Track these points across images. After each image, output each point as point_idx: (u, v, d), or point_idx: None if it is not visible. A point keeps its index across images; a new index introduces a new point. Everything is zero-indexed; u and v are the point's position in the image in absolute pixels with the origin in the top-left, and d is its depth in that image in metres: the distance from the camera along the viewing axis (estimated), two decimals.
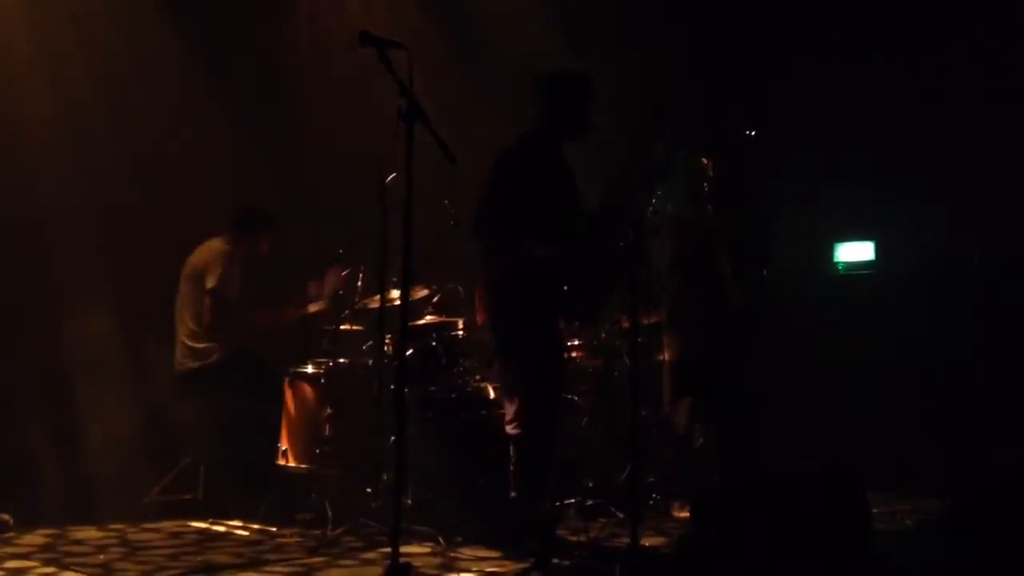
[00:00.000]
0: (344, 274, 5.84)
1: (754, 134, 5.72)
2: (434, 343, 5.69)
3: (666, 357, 5.69)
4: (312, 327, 6.21)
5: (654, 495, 5.80)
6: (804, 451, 6.16)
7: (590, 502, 5.51)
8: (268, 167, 6.77)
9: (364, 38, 3.85)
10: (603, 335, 6.17)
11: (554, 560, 4.46)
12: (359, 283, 5.87)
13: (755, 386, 5.74)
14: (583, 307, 4.85)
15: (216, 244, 6.02)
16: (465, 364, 5.71)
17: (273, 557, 4.76)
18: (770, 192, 6.48)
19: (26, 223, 6.05)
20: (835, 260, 7.34)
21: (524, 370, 4.76)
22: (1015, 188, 6.51)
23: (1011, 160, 6.51)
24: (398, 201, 3.90)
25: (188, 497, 5.83)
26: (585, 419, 5.88)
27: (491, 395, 5.54)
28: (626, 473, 5.60)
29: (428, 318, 5.84)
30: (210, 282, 5.86)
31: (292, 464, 5.59)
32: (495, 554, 4.74)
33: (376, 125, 4.44)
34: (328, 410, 5.52)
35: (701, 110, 7.14)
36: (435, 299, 5.91)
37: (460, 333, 5.83)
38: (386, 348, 5.53)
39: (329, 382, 5.58)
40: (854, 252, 7.29)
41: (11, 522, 5.20)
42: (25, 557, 4.68)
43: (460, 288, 5.93)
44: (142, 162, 6.36)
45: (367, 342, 6.01)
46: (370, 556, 4.73)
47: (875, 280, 7.13)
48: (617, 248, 4.66)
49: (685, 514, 5.38)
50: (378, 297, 5.26)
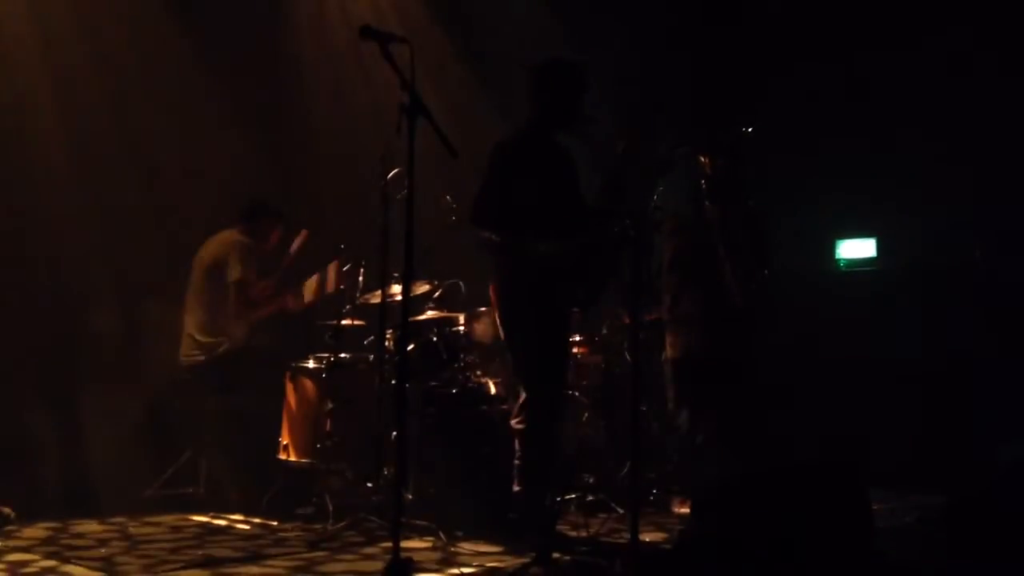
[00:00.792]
0: (345, 269, 5.83)
1: (751, 131, 5.71)
2: (435, 338, 5.69)
3: (668, 355, 5.69)
4: (313, 322, 6.20)
5: (654, 491, 5.81)
6: (805, 447, 6.16)
7: (591, 498, 5.52)
8: (270, 162, 6.77)
9: (366, 32, 3.85)
10: (604, 331, 6.17)
11: (554, 555, 4.46)
12: (360, 278, 5.87)
13: (756, 383, 5.74)
14: (581, 292, 4.85)
15: (230, 236, 6.00)
16: (466, 359, 5.71)
17: (274, 551, 4.76)
18: (771, 189, 6.48)
19: (28, 218, 6.05)
20: (836, 257, 7.34)
21: (529, 364, 4.76)
22: (1016, 185, 6.50)
23: (1012, 157, 6.51)
24: (400, 196, 3.90)
25: (189, 491, 5.84)
26: (586, 415, 5.89)
27: (492, 390, 5.55)
28: (626, 469, 5.60)
29: (429, 313, 5.85)
30: (234, 274, 5.86)
31: (293, 459, 5.59)
32: (496, 549, 4.75)
33: (378, 119, 4.44)
34: (329, 405, 5.52)
35: (699, 108, 7.14)
36: (436, 295, 5.91)
37: (461, 328, 5.83)
38: (387, 343, 5.54)
39: (330, 377, 5.58)
40: (855, 249, 7.28)
41: (12, 515, 5.21)
42: (26, 550, 4.69)
43: (461, 284, 5.94)
44: (144, 156, 6.35)
45: (368, 337, 6.02)
46: (371, 551, 4.74)
47: (876, 277, 7.13)
48: (615, 234, 4.64)
49: (685, 510, 5.39)
50: (379, 292, 5.27)
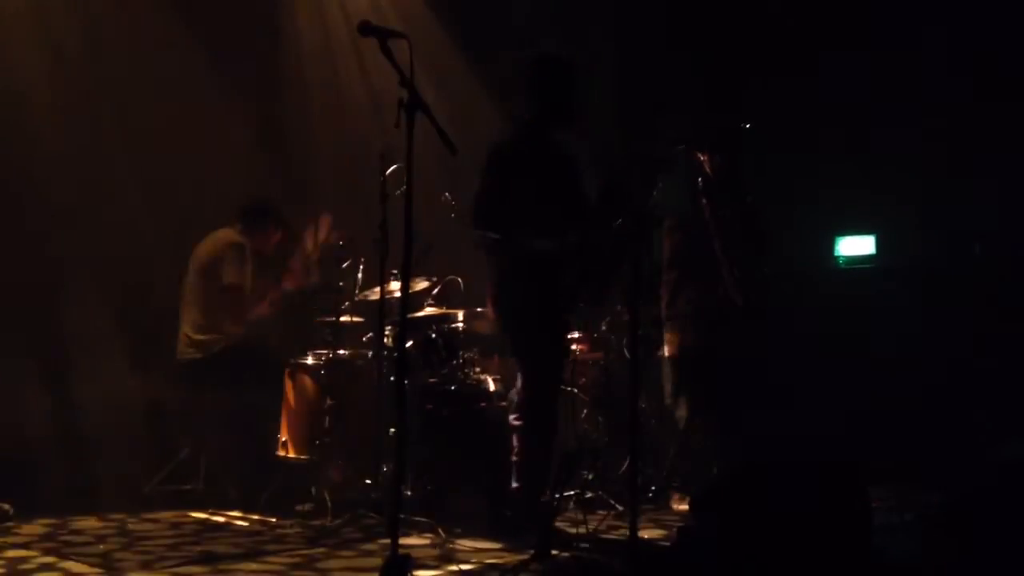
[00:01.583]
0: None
1: (749, 127, 5.70)
2: (434, 335, 5.69)
3: (666, 352, 5.69)
4: (311, 318, 6.19)
5: (653, 488, 5.80)
6: (804, 444, 6.15)
7: (589, 494, 5.51)
8: (269, 158, 6.77)
9: (365, 28, 3.84)
10: (604, 328, 6.17)
11: (553, 552, 4.46)
12: (359, 274, 5.86)
13: (755, 380, 5.74)
14: (587, 290, 4.83)
15: (226, 235, 5.96)
16: (465, 356, 5.71)
17: (273, 548, 4.76)
18: (770, 186, 6.48)
19: (27, 218, 6.04)
20: (836, 254, 7.34)
21: (527, 361, 4.76)
22: (1016, 181, 6.50)
23: (1012, 153, 6.50)
24: (399, 192, 3.89)
25: (188, 487, 5.83)
26: (585, 412, 5.89)
27: (491, 387, 5.54)
28: (625, 466, 5.60)
29: (428, 310, 5.84)
30: (227, 277, 5.80)
31: (292, 455, 5.59)
32: (494, 545, 4.75)
33: (377, 115, 4.43)
34: (328, 401, 5.52)
35: (698, 105, 7.13)
36: (435, 291, 5.91)
37: (460, 325, 5.83)
38: (386, 340, 5.54)
39: (329, 374, 5.58)
40: (855, 246, 7.28)
41: (11, 512, 5.21)
42: (25, 547, 4.69)
43: (460, 280, 5.93)
44: (143, 153, 6.35)
45: (367, 334, 6.01)
46: (369, 547, 4.74)
47: (876, 274, 7.13)
48: (617, 232, 4.63)
49: (684, 507, 5.39)
50: (378, 289, 5.26)
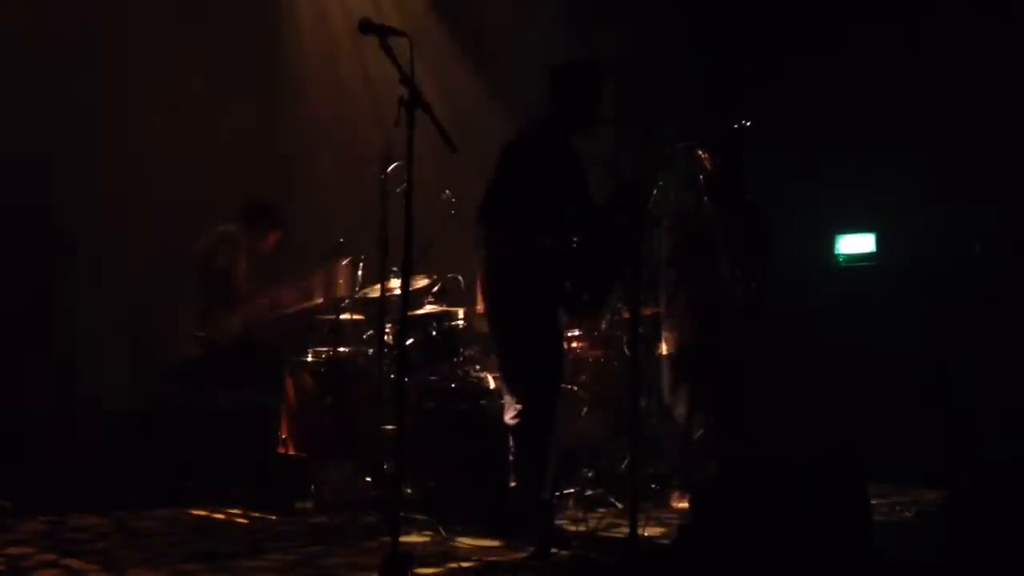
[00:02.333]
0: (344, 263, 5.81)
1: (749, 125, 5.70)
2: (434, 333, 5.69)
3: (664, 350, 5.69)
4: (312, 317, 6.20)
5: (653, 486, 5.81)
6: (804, 443, 6.16)
7: (589, 492, 5.52)
8: (269, 156, 6.77)
9: (365, 26, 3.84)
10: (604, 326, 6.17)
11: (553, 550, 4.46)
12: (359, 272, 5.87)
13: (755, 377, 5.74)
14: (585, 300, 4.84)
15: (223, 229, 5.99)
16: (465, 354, 5.71)
17: (272, 545, 4.76)
18: (771, 184, 6.47)
19: (30, 214, 6.04)
20: (836, 252, 7.34)
21: (524, 359, 4.76)
22: (1016, 177, 6.50)
23: (1012, 149, 6.50)
24: (399, 190, 3.89)
25: (188, 485, 5.83)
26: (585, 409, 5.89)
27: (491, 385, 5.54)
28: (625, 463, 5.60)
29: (428, 308, 5.84)
30: (219, 263, 5.83)
31: (292, 452, 5.60)
32: (494, 543, 4.75)
33: (378, 113, 4.43)
34: (328, 399, 5.52)
35: (697, 103, 7.13)
36: (435, 289, 5.91)
37: (460, 323, 5.83)
38: (386, 338, 5.54)
39: (329, 371, 5.59)
40: (855, 244, 7.28)
41: (11, 509, 5.21)
42: (25, 544, 4.69)
43: (460, 278, 5.94)
44: (142, 152, 6.35)
45: (367, 331, 6.01)
46: (369, 545, 4.73)
47: (876, 272, 7.13)
48: (619, 239, 4.65)
49: (684, 505, 5.39)
50: (378, 287, 5.27)
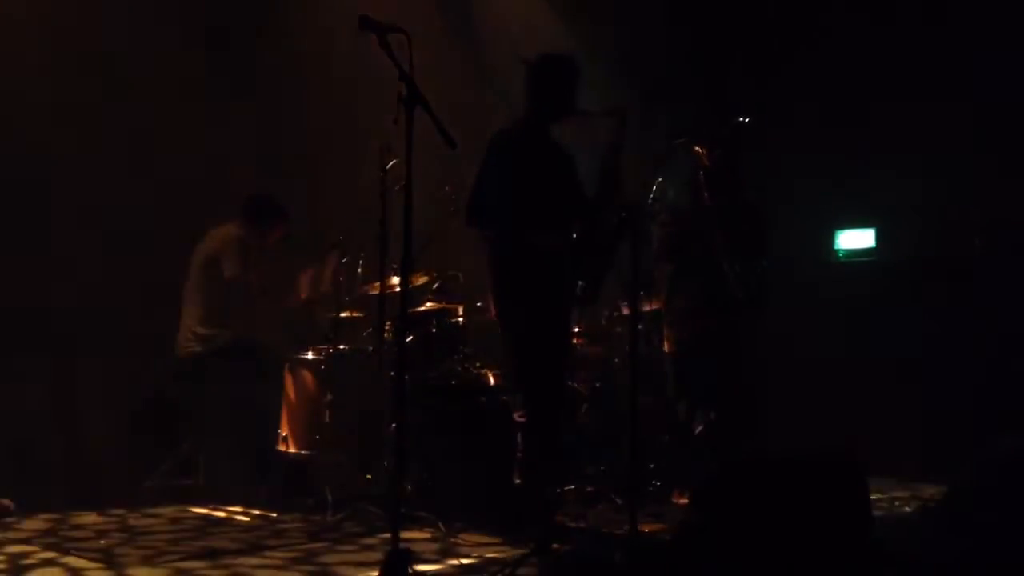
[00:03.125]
0: (344, 260, 5.81)
1: (748, 121, 5.70)
2: (434, 330, 5.68)
3: (666, 347, 5.69)
4: (314, 313, 6.19)
5: (654, 482, 5.81)
6: (804, 438, 6.17)
7: (590, 488, 5.52)
8: (268, 154, 6.76)
9: (364, 23, 3.83)
10: (603, 322, 6.17)
11: (554, 546, 4.47)
12: (359, 269, 5.86)
13: (755, 373, 5.75)
14: (580, 290, 4.85)
15: (229, 231, 5.96)
16: (465, 351, 5.71)
17: (273, 543, 4.76)
18: (771, 180, 6.47)
19: (29, 209, 6.04)
20: (836, 247, 7.34)
21: (530, 358, 4.76)
22: (1017, 172, 6.50)
23: (1013, 145, 6.50)
24: (398, 187, 3.89)
25: (189, 483, 5.84)
26: (585, 406, 5.89)
27: (491, 382, 5.54)
28: (625, 460, 5.60)
29: (428, 305, 5.84)
30: (228, 271, 5.81)
31: (292, 450, 5.60)
32: (495, 540, 4.75)
33: (377, 110, 4.43)
34: (328, 396, 5.52)
35: (696, 98, 7.13)
36: (435, 286, 5.91)
37: (460, 320, 5.83)
38: (386, 335, 5.53)
39: (329, 368, 5.59)
40: (855, 239, 7.28)
41: (12, 507, 5.22)
42: (26, 542, 4.69)
43: (460, 274, 5.93)
44: (142, 150, 6.34)
45: (367, 329, 6.01)
46: (370, 541, 4.75)
47: (876, 267, 7.13)
48: (612, 226, 4.66)
49: (684, 501, 5.39)
50: (378, 284, 5.26)
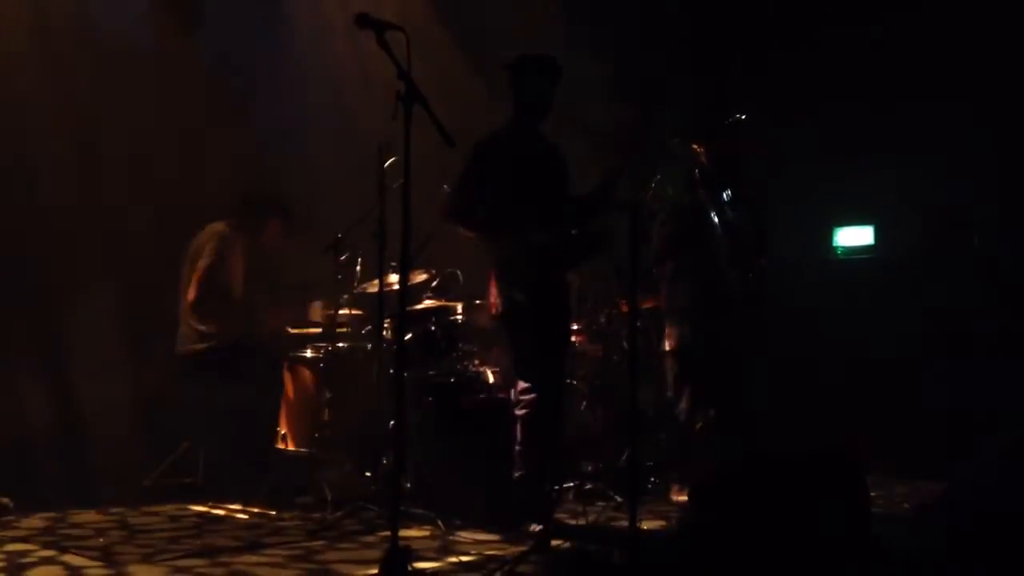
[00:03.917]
0: (343, 259, 5.79)
1: (744, 118, 5.70)
2: (433, 327, 5.69)
3: (667, 346, 5.70)
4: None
5: (653, 479, 5.81)
6: (804, 435, 6.17)
7: (589, 486, 5.52)
8: (267, 152, 6.76)
9: (362, 20, 3.83)
10: (602, 320, 6.18)
11: (553, 543, 4.47)
12: (358, 268, 5.86)
13: (755, 370, 5.75)
14: (567, 259, 4.90)
15: (215, 227, 5.96)
16: (464, 348, 5.71)
17: (272, 540, 4.76)
18: (769, 177, 6.48)
19: (26, 209, 6.04)
20: (835, 245, 7.34)
21: (530, 354, 4.77)
22: (1015, 169, 6.50)
23: (1012, 142, 6.51)
24: (396, 185, 3.89)
25: (188, 481, 5.84)
26: (584, 403, 5.89)
27: (490, 379, 5.55)
28: (625, 457, 5.61)
29: (427, 302, 5.84)
30: (201, 262, 5.81)
31: (291, 448, 5.60)
32: (494, 537, 4.75)
33: (375, 108, 4.43)
34: (327, 394, 5.52)
35: (695, 96, 7.13)
36: (434, 283, 5.91)
37: (459, 317, 5.83)
38: (385, 332, 5.53)
39: (328, 366, 5.58)
40: (853, 237, 7.29)
41: (11, 506, 5.21)
42: (25, 540, 4.69)
43: (459, 272, 5.93)
44: (141, 150, 6.34)
45: (366, 327, 6.01)
46: (369, 539, 4.74)
47: (875, 264, 7.14)
48: (595, 230, 4.71)
49: (684, 498, 5.39)
50: (377, 282, 5.26)
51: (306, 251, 6.02)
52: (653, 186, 5.80)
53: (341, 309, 5.81)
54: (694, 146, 5.64)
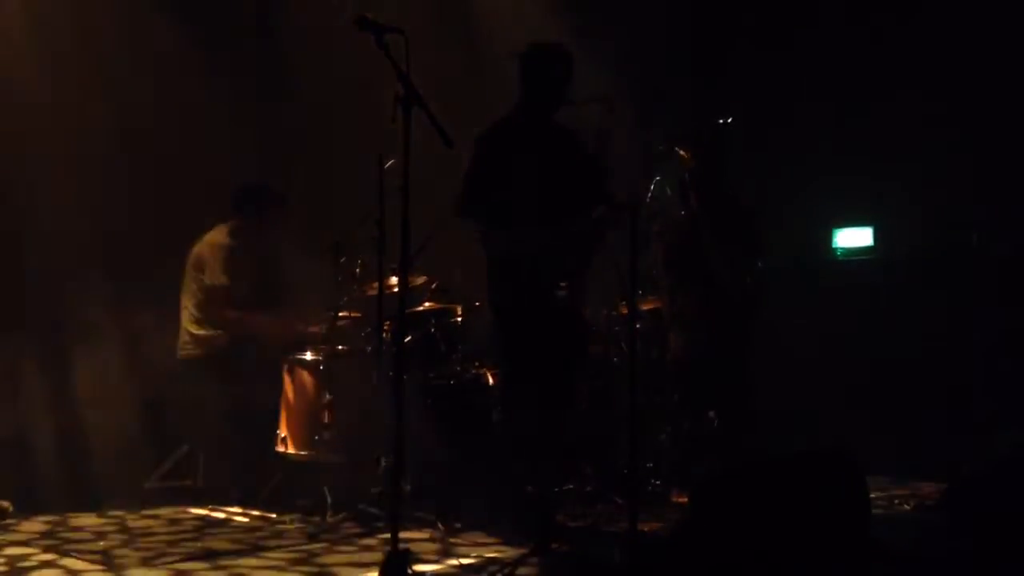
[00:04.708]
0: (342, 261, 5.78)
1: (729, 122, 5.70)
2: (433, 330, 5.68)
3: (669, 353, 5.71)
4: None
5: (653, 481, 5.80)
6: (803, 436, 6.16)
7: (589, 488, 5.51)
8: (266, 154, 6.76)
9: (361, 23, 3.83)
10: (602, 321, 6.17)
11: (553, 545, 4.46)
12: (357, 270, 5.86)
13: (755, 373, 5.75)
14: (569, 264, 4.87)
15: (217, 236, 5.95)
16: (464, 350, 5.71)
17: (272, 543, 4.76)
18: (769, 179, 6.47)
19: (26, 213, 6.03)
20: (834, 246, 7.34)
21: (527, 355, 4.76)
22: (1014, 169, 6.49)
23: (1010, 141, 6.50)
24: (396, 187, 3.89)
25: (188, 483, 5.83)
26: (584, 406, 5.88)
27: (490, 382, 5.54)
28: (625, 459, 5.60)
29: (427, 305, 5.84)
30: (208, 278, 5.83)
31: (291, 451, 5.59)
32: (494, 540, 4.75)
33: (375, 110, 4.42)
34: (327, 397, 5.51)
35: (691, 99, 7.13)
36: (434, 286, 5.91)
37: (459, 320, 5.83)
38: (385, 335, 5.53)
39: (328, 369, 5.58)
40: (853, 238, 7.28)
41: (11, 509, 5.21)
42: (25, 544, 4.69)
43: (458, 274, 5.93)
44: (141, 151, 6.33)
45: (366, 329, 6.00)
46: (369, 542, 4.74)
47: (874, 266, 7.13)
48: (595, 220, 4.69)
49: (684, 500, 5.38)
50: (376, 284, 5.26)
51: (306, 252, 6.03)
52: (652, 188, 5.81)
53: (341, 311, 5.80)
54: (680, 151, 5.64)
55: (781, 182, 6.90)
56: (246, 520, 5.31)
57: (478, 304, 5.79)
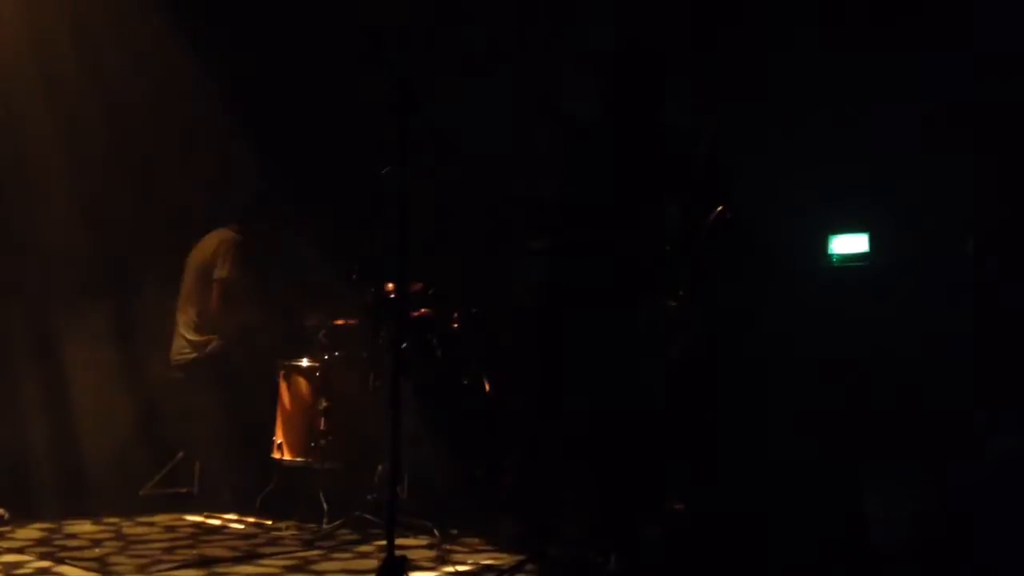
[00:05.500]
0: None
1: (712, 125, 5.70)
2: (430, 336, 5.67)
3: (668, 356, 5.70)
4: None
5: (650, 484, 5.79)
6: (800, 442, 6.15)
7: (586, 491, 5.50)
8: (266, 159, 6.75)
9: (359, 28, 3.84)
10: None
11: (549, 551, 4.45)
12: (354, 275, 5.85)
13: (751, 379, 5.74)
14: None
15: (223, 234, 5.97)
16: (461, 357, 5.70)
17: (268, 550, 4.75)
18: (763, 184, 6.46)
19: (21, 219, 6.03)
20: (829, 253, 7.34)
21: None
22: (1010, 173, 6.50)
23: (1007, 145, 6.51)
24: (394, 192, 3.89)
25: (183, 491, 5.82)
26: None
27: (486, 388, 5.53)
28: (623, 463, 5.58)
29: (424, 311, 5.83)
30: (220, 272, 5.83)
31: (287, 457, 5.58)
32: (490, 546, 4.74)
33: (373, 116, 4.43)
34: (324, 403, 5.51)
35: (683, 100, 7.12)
36: (431, 292, 5.90)
37: (456, 326, 5.82)
38: (381, 341, 5.52)
39: (324, 375, 5.57)
40: (848, 244, 7.28)
41: (6, 516, 5.20)
42: (20, 551, 4.67)
43: (457, 279, 5.93)
44: (139, 155, 6.33)
45: (363, 335, 6.00)
46: (366, 549, 4.74)
47: (870, 272, 7.13)
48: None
49: (680, 506, 5.38)
50: (374, 290, 5.26)
51: (305, 258, 6.03)
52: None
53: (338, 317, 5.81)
54: None
55: (776, 189, 6.89)
56: (242, 527, 5.30)
57: (475, 311, 5.79)
